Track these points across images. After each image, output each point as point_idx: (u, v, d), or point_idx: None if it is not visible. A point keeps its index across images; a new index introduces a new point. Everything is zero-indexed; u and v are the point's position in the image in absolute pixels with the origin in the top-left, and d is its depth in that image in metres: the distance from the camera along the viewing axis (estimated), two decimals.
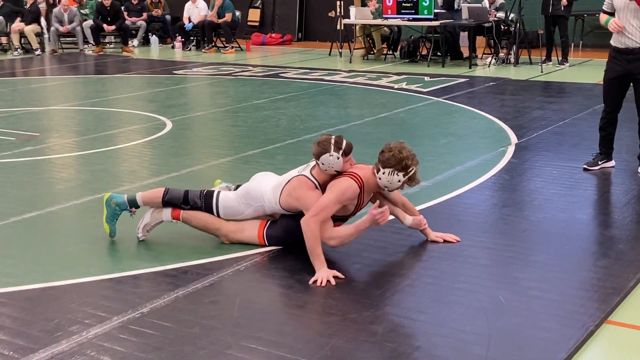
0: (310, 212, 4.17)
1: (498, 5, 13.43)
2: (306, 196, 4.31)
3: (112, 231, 4.67)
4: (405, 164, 4.20)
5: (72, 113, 9.44)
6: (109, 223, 4.66)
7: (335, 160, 4.31)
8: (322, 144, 4.33)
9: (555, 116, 8.51)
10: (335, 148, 4.31)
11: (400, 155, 4.20)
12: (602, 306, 3.65)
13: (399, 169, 4.21)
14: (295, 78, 12.09)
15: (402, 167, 4.21)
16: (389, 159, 4.21)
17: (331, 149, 4.30)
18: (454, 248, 4.48)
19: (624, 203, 5.34)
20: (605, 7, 6.05)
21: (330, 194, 4.23)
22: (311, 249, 4.13)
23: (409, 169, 4.22)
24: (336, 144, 4.32)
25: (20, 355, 3.24)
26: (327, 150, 4.31)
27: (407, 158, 4.21)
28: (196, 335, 3.40)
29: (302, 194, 4.33)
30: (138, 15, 17.57)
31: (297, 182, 4.39)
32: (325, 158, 4.31)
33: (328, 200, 4.20)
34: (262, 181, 4.61)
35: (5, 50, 16.70)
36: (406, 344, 3.32)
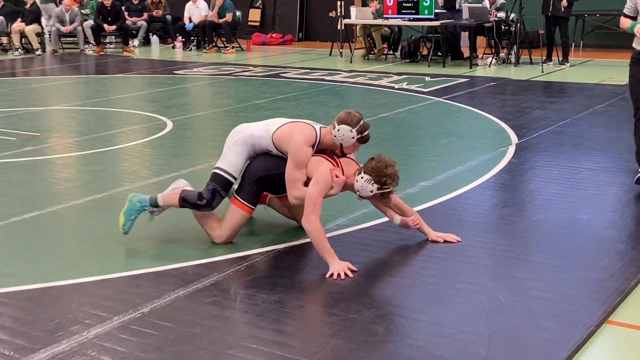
0: (307, 211, 4.21)
1: (499, 5, 13.43)
2: (298, 145, 4.38)
3: (126, 225, 4.62)
4: (384, 181, 4.28)
5: (72, 113, 9.45)
6: (125, 216, 4.62)
7: (350, 137, 4.41)
8: (352, 116, 4.42)
9: (556, 116, 8.51)
10: (359, 129, 4.39)
11: (384, 171, 4.27)
12: (603, 306, 3.65)
13: (377, 182, 4.28)
14: (296, 78, 12.09)
15: (380, 182, 4.28)
16: (373, 169, 4.28)
17: (356, 126, 4.38)
18: (454, 248, 4.48)
19: (624, 203, 5.34)
20: (626, 10, 5.83)
21: (315, 187, 4.27)
22: (320, 245, 4.17)
23: (385, 186, 4.29)
24: (362, 127, 4.41)
25: (21, 355, 3.25)
26: (351, 125, 4.39)
27: (388, 176, 4.28)
28: (196, 335, 3.40)
29: (297, 141, 4.38)
30: (139, 15, 17.58)
31: (303, 129, 4.45)
32: (344, 128, 4.39)
33: (317, 195, 4.25)
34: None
35: (5, 50, 16.70)
36: (406, 344, 3.32)
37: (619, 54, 14.63)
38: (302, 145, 4.39)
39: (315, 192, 4.26)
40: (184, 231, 4.81)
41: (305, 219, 4.21)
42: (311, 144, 4.43)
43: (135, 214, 4.64)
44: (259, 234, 4.76)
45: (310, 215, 4.19)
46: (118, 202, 5.49)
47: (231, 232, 4.57)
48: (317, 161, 4.42)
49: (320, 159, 4.43)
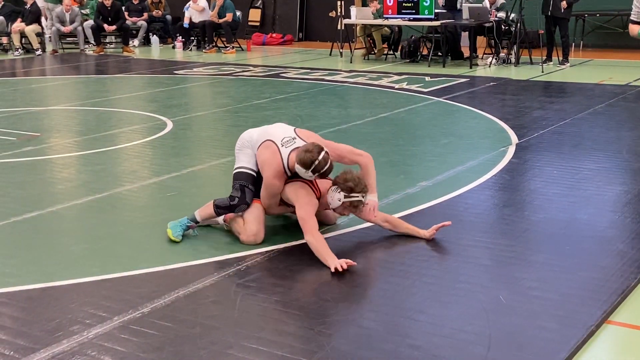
0: (305, 229, 4.34)
1: (499, 5, 13.43)
2: (268, 182, 4.54)
3: (177, 234, 4.63)
4: (348, 186, 4.35)
5: (72, 113, 9.45)
6: (172, 229, 4.64)
7: (307, 176, 4.46)
8: (305, 157, 4.38)
9: (556, 116, 8.50)
10: (314, 169, 4.38)
11: (346, 176, 4.37)
12: (603, 306, 3.65)
13: (343, 189, 4.37)
14: (296, 78, 12.09)
15: (346, 187, 4.36)
16: (337, 177, 4.42)
17: (310, 167, 4.38)
18: (454, 248, 4.48)
19: (624, 203, 5.34)
20: (634, 17, 5.78)
21: (304, 209, 4.42)
22: (323, 255, 4.24)
23: (351, 192, 4.35)
24: (315, 167, 4.38)
25: (21, 355, 3.25)
26: (304, 167, 4.40)
27: (352, 180, 4.36)
28: (197, 335, 3.40)
29: (267, 178, 4.55)
30: (139, 15, 17.57)
31: (271, 163, 4.54)
32: (299, 169, 4.43)
33: (308, 215, 4.39)
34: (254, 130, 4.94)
35: (6, 50, 16.70)
36: (406, 344, 3.32)
37: (619, 54, 14.65)
38: (272, 181, 4.55)
39: (305, 214, 4.40)
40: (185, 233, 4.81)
41: (306, 235, 4.34)
42: (280, 176, 4.54)
43: (180, 229, 4.67)
44: None
45: (309, 232, 4.33)
46: (118, 202, 5.52)
47: (257, 225, 4.56)
48: (295, 188, 4.54)
49: (298, 185, 4.54)
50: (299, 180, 4.56)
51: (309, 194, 4.51)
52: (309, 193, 4.51)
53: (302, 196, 4.49)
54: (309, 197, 4.49)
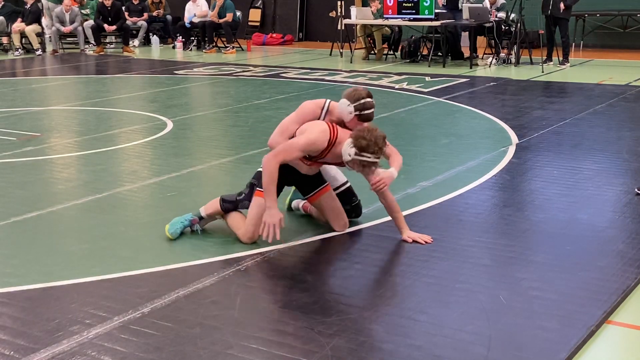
0: (274, 151, 4.29)
1: (499, 5, 13.43)
2: (313, 135, 4.40)
3: (174, 232, 4.66)
4: (361, 144, 4.22)
5: (73, 113, 9.45)
6: (172, 226, 4.68)
7: (347, 112, 4.45)
8: (355, 93, 4.44)
9: (556, 116, 8.51)
10: (358, 106, 4.41)
11: (364, 135, 4.22)
12: (603, 306, 3.65)
13: (355, 145, 4.24)
14: (296, 78, 12.09)
15: (359, 145, 4.23)
16: (356, 133, 4.27)
17: (355, 102, 4.41)
18: (454, 248, 4.48)
19: (624, 203, 5.34)
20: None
21: (299, 140, 4.33)
22: (266, 186, 4.28)
23: (363, 152, 4.23)
24: (360, 104, 4.41)
25: (21, 355, 3.25)
26: (350, 100, 4.43)
27: (366, 139, 4.22)
28: (197, 335, 3.40)
29: (311, 133, 4.42)
30: (139, 15, 17.58)
31: (322, 125, 4.48)
32: (343, 102, 4.45)
33: (293, 145, 4.32)
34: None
35: (6, 50, 16.70)
36: (407, 344, 3.32)
37: (619, 54, 14.65)
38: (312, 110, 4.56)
39: (296, 142, 4.34)
40: (184, 231, 4.81)
41: (267, 158, 4.30)
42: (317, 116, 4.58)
43: (180, 226, 4.70)
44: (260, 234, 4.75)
45: (273, 157, 4.29)
46: (118, 202, 5.52)
47: (254, 226, 4.52)
48: (316, 123, 4.48)
49: (320, 123, 4.47)
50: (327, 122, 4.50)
51: (324, 137, 4.35)
52: (324, 136, 4.35)
53: (317, 134, 4.35)
54: (320, 141, 4.35)
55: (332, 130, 4.42)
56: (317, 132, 4.38)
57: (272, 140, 4.64)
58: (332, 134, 4.40)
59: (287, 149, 4.31)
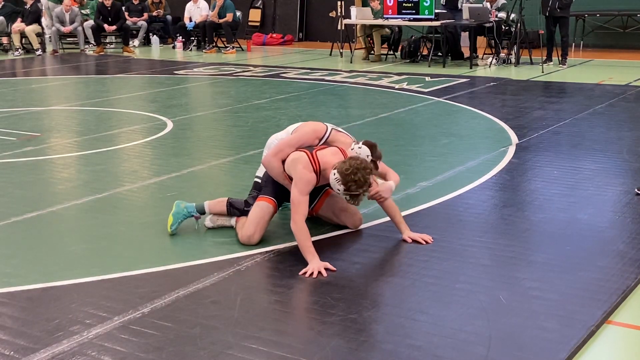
0: (292, 213, 4.31)
1: (499, 5, 13.43)
2: (300, 176, 4.39)
3: (173, 226, 4.74)
4: (349, 186, 4.24)
5: (73, 113, 9.45)
6: (174, 217, 4.76)
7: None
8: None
9: (556, 116, 8.51)
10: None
11: (352, 177, 4.20)
12: (603, 306, 3.65)
13: (344, 183, 4.25)
14: (296, 78, 12.09)
15: (346, 186, 4.24)
16: (342, 172, 4.24)
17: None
18: (454, 248, 4.48)
19: (624, 203, 5.34)
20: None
21: (295, 189, 4.35)
22: (302, 244, 4.23)
23: (349, 191, 4.25)
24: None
25: (21, 355, 3.25)
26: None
27: (354, 182, 4.21)
28: (197, 336, 3.40)
29: (297, 173, 4.41)
30: (139, 15, 17.58)
31: (301, 159, 4.45)
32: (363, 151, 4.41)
33: (297, 196, 4.33)
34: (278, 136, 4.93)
35: (6, 50, 16.70)
36: (407, 344, 3.32)
37: (619, 54, 14.65)
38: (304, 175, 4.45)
39: (297, 193, 4.34)
40: (185, 231, 4.82)
41: (291, 221, 4.30)
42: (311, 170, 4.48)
43: (182, 218, 4.78)
44: None
45: (295, 216, 4.29)
46: (118, 202, 5.52)
47: (254, 227, 4.53)
48: (295, 158, 4.46)
49: (298, 155, 4.46)
50: (303, 150, 4.51)
51: (306, 170, 4.38)
52: (306, 169, 4.38)
53: (300, 172, 4.37)
54: (306, 175, 4.36)
55: (312, 160, 4.43)
56: (302, 173, 4.37)
57: (266, 159, 4.65)
58: (314, 164, 4.42)
59: (297, 205, 4.31)
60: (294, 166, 4.44)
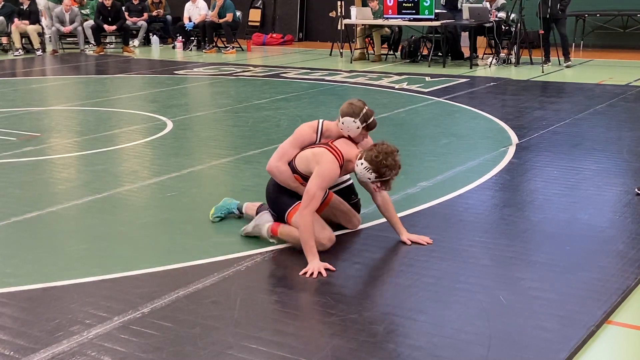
0: (302, 205, 4.26)
1: (499, 5, 13.43)
2: (327, 170, 4.37)
3: (215, 216, 4.93)
4: (382, 172, 4.26)
5: (73, 113, 9.45)
6: (216, 210, 4.96)
7: (354, 128, 4.49)
8: (353, 107, 4.50)
9: (556, 116, 8.51)
10: (362, 118, 4.48)
11: (384, 162, 4.23)
12: (603, 306, 3.65)
13: (374, 171, 4.26)
14: (296, 78, 12.09)
15: (378, 172, 4.26)
16: (372, 159, 4.25)
17: (359, 116, 4.48)
18: (454, 248, 4.48)
19: (624, 203, 5.34)
20: None
21: (316, 181, 4.29)
22: (305, 241, 4.19)
23: (382, 176, 4.28)
24: (364, 115, 4.49)
25: (21, 355, 3.25)
26: (353, 116, 4.48)
27: (387, 167, 4.24)
28: (197, 336, 3.40)
29: (323, 168, 4.37)
30: (139, 15, 17.57)
31: (325, 153, 4.44)
32: (347, 120, 4.49)
33: (315, 189, 4.26)
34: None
35: (6, 50, 16.69)
36: (407, 344, 3.32)
37: (619, 54, 14.65)
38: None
39: (316, 187, 4.27)
40: (185, 231, 4.82)
41: (299, 214, 4.26)
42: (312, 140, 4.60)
43: (225, 212, 4.96)
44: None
45: (304, 210, 4.23)
46: (118, 202, 5.52)
47: (327, 229, 4.48)
48: (320, 153, 4.42)
49: (321, 151, 4.44)
50: (325, 146, 4.48)
51: (333, 167, 4.34)
52: (333, 167, 4.34)
53: (326, 167, 4.33)
54: (332, 172, 4.35)
55: (336, 154, 4.41)
56: (329, 167, 4.35)
57: (271, 164, 4.59)
58: (339, 157, 4.40)
59: (312, 197, 4.24)
60: (317, 160, 4.38)
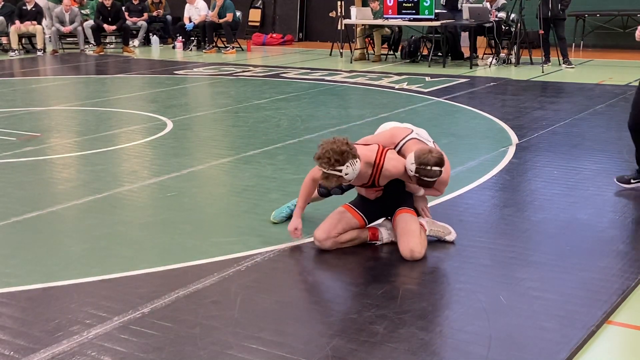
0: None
1: (499, 5, 13.43)
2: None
3: (276, 216, 4.92)
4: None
5: (73, 113, 9.45)
6: (277, 211, 4.94)
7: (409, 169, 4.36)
8: (427, 156, 4.29)
9: (556, 116, 8.51)
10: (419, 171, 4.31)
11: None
12: (603, 306, 3.65)
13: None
14: (296, 78, 12.09)
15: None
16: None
17: (418, 164, 4.30)
18: (455, 248, 4.47)
19: (624, 203, 5.34)
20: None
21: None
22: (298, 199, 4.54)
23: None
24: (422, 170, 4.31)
25: (21, 356, 3.25)
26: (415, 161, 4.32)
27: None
28: (197, 336, 3.40)
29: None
30: (139, 15, 17.58)
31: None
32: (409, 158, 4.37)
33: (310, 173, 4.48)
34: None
35: (5, 50, 16.68)
36: (407, 344, 3.32)
37: (619, 54, 14.65)
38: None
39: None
40: (185, 231, 4.82)
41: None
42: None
43: (287, 210, 4.92)
44: (260, 234, 4.76)
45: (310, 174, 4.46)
46: (118, 202, 5.52)
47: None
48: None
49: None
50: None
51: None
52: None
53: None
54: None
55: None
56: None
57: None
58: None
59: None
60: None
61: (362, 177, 4.36)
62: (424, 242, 4.36)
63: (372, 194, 4.50)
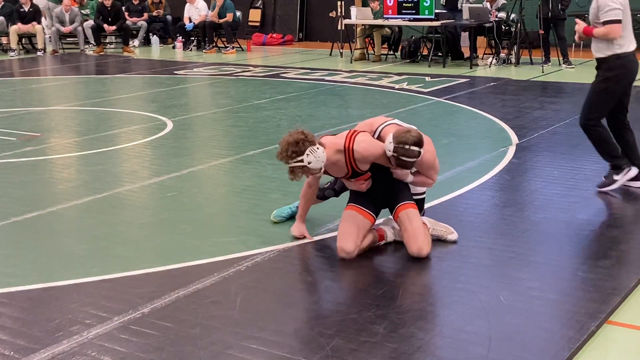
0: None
1: (499, 5, 13.43)
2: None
3: (277, 216, 4.93)
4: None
5: (73, 113, 9.45)
6: (277, 211, 4.94)
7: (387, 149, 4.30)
8: (400, 134, 4.28)
9: (556, 116, 8.51)
10: (398, 150, 4.25)
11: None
12: (603, 306, 3.65)
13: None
14: (296, 78, 12.09)
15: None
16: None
17: (396, 143, 4.25)
18: (455, 248, 4.48)
19: (624, 203, 5.34)
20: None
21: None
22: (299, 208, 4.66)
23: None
24: (401, 149, 4.26)
25: (21, 356, 3.25)
26: (393, 139, 4.28)
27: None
28: (197, 336, 3.40)
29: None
30: (139, 15, 17.57)
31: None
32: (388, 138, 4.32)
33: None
34: None
35: (5, 50, 16.68)
36: (407, 344, 3.32)
37: None
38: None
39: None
40: (185, 231, 4.82)
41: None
42: None
43: (289, 211, 4.93)
44: (260, 234, 4.76)
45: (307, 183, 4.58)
46: (118, 202, 5.52)
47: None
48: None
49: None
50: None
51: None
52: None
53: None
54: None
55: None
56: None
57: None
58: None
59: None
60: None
61: (338, 167, 4.32)
62: (430, 239, 4.37)
63: (362, 184, 4.41)
